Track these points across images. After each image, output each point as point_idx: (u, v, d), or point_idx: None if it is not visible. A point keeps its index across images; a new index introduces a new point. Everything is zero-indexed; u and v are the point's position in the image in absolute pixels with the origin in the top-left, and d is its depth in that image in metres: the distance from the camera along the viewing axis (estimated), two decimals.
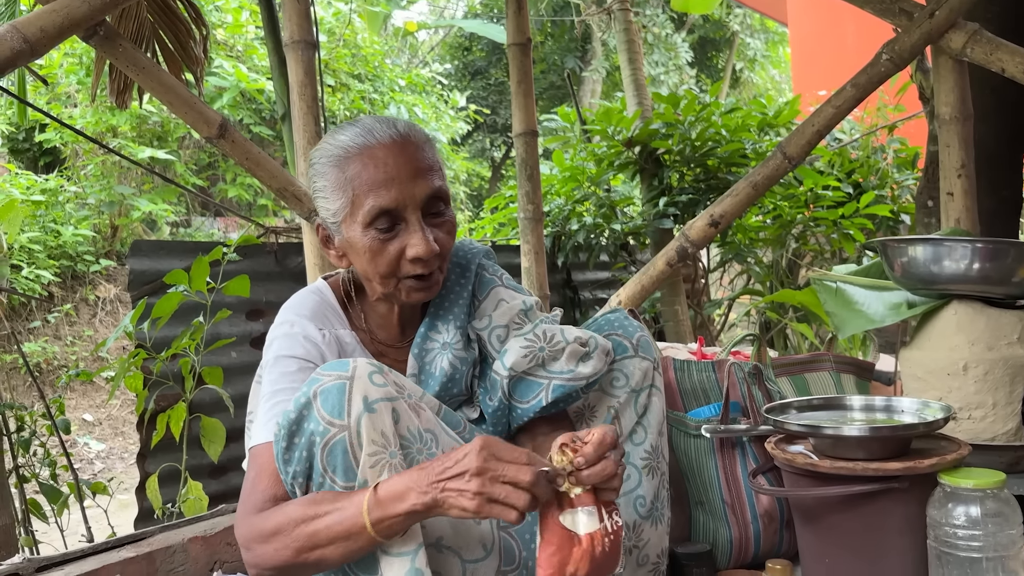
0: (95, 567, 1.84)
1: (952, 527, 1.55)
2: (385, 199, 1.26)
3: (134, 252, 2.95)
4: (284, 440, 1.14)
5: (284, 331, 1.33)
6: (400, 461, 1.15)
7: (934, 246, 2.00)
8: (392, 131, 1.30)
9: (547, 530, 1.05)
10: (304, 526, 1.11)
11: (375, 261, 1.29)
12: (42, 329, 6.70)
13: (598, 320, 1.52)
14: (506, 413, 1.39)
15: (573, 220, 4.77)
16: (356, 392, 1.13)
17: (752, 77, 17.33)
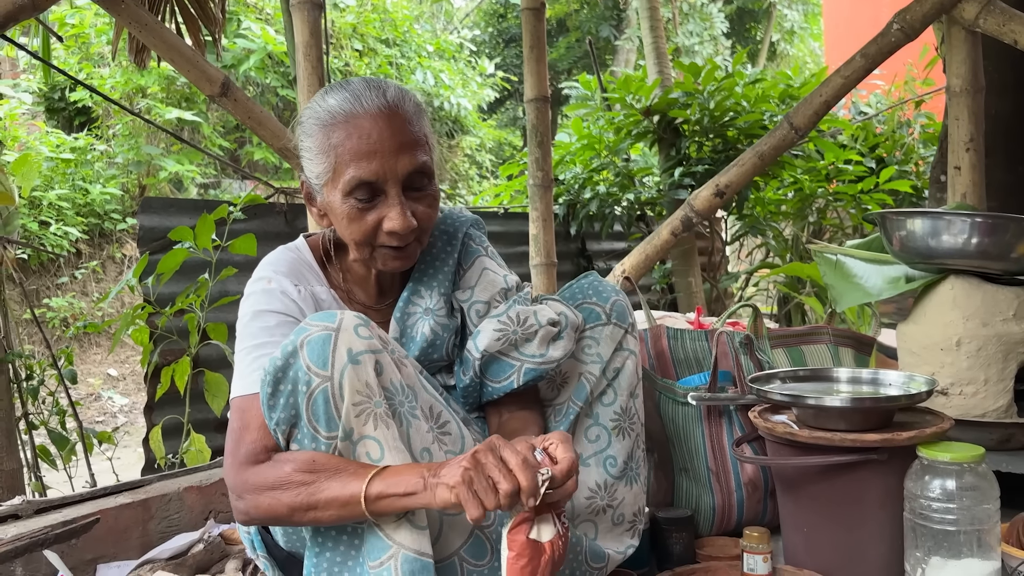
0: (92, 511, 1.91)
1: (927, 499, 1.55)
2: (366, 171, 1.26)
3: (144, 209, 2.99)
4: (270, 387, 1.17)
5: (261, 287, 1.35)
6: (385, 410, 1.18)
7: (932, 219, 1.98)
8: (380, 100, 1.29)
9: (516, 543, 1.09)
10: (304, 488, 1.15)
11: (351, 228, 1.30)
12: (69, 285, 6.84)
13: (572, 287, 1.53)
14: (477, 389, 1.41)
15: (587, 189, 4.75)
16: (341, 344, 1.16)
17: (788, 49, 17.02)
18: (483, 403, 1.44)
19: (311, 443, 1.17)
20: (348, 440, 1.17)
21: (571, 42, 14.46)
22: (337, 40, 9.32)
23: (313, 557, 1.24)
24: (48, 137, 7.32)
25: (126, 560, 1.93)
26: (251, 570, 1.85)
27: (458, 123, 10.33)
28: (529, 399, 1.44)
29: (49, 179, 6.95)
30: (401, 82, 9.54)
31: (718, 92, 4.31)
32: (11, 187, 2.52)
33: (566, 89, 5.14)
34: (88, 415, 6.02)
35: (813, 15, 16.60)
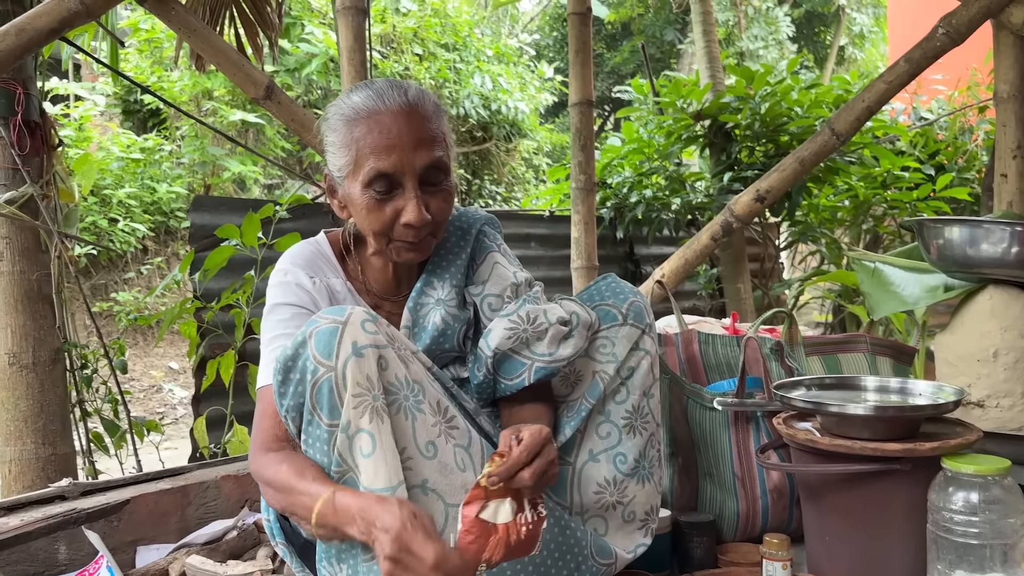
0: (133, 495, 1.99)
1: (950, 511, 1.53)
2: (385, 163, 1.32)
3: (195, 207, 3.10)
4: (280, 375, 1.23)
5: (279, 279, 1.42)
6: (382, 404, 1.22)
7: (971, 228, 1.94)
8: (402, 99, 1.36)
9: (465, 519, 1.15)
10: (286, 494, 1.24)
11: (369, 218, 1.36)
12: (135, 280, 7.10)
13: (590, 289, 1.55)
14: (491, 386, 1.46)
15: (635, 193, 4.74)
16: (347, 337, 1.21)
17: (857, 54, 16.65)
18: (496, 398, 1.47)
19: (316, 430, 1.22)
20: (345, 432, 1.20)
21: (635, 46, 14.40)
22: (398, 44, 9.46)
23: (324, 542, 1.29)
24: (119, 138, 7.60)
25: (164, 543, 2.02)
26: (280, 559, 1.92)
27: (515, 127, 10.38)
28: (542, 394, 1.47)
29: (119, 178, 7.23)
30: (459, 86, 9.63)
31: (770, 97, 4.26)
32: (72, 185, 2.64)
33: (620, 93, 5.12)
34: (149, 406, 6.23)
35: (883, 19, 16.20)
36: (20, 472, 2.45)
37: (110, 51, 3.60)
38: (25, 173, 2.48)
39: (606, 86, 14.27)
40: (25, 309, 2.48)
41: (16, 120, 2.44)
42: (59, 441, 2.50)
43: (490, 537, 1.15)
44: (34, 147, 2.51)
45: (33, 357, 2.47)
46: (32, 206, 2.51)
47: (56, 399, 2.50)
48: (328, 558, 1.28)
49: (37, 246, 2.54)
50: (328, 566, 1.28)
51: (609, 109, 15.04)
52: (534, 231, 4.88)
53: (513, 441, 1.20)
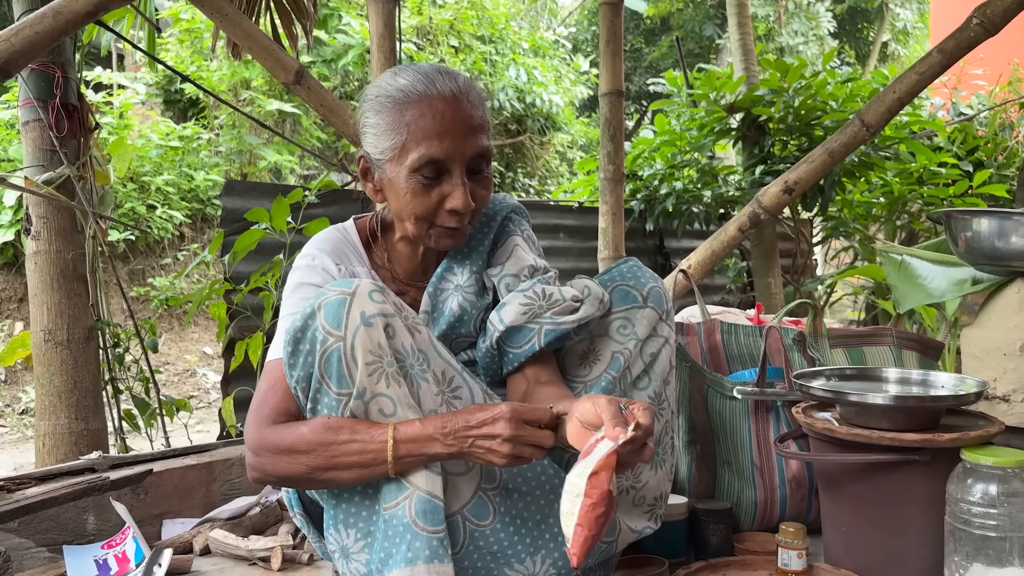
0: (160, 469, 2.04)
1: (968, 503, 1.51)
2: (437, 150, 1.32)
3: (227, 191, 3.15)
4: (290, 345, 1.26)
5: (305, 263, 1.44)
6: (396, 371, 1.25)
7: (999, 220, 1.91)
8: (453, 84, 1.36)
9: (597, 491, 1.09)
10: (323, 450, 1.23)
11: (414, 203, 1.36)
12: (172, 266, 7.22)
13: (611, 271, 1.55)
14: (496, 359, 1.46)
15: (665, 185, 4.72)
16: (355, 307, 1.23)
17: (900, 50, 16.37)
18: (505, 375, 1.48)
19: (325, 398, 1.25)
20: (361, 399, 1.23)
21: (673, 41, 14.30)
22: (434, 36, 9.50)
23: (331, 509, 1.31)
24: (159, 126, 7.73)
25: (189, 517, 2.06)
26: (302, 535, 1.95)
27: (550, 120, 10.37)
28: (551, 370, 1.47)
29: (158, 165, 7.36)
30: (494, 78, 9.64)
31: (804, 90, 4.22)
32: (108, 168, 2.70)
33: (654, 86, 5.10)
34: (183, 390, 6.34)
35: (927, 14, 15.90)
36: (54, 446, 2.52)
37: (148, 38, 3.68)
38: (63, 155, 2.55)
39: (644, 80, 14.19)
40: (60, 287, 2.54)
41: (54, 103, 2.50)
42: (91, 417, 2.56)
43: (610, 512, 1.10)
44: (71, 130, 2.57)
45: (67, 334, 2.53)
46: (68, 187, 2.58)
47: (89, 376, 2.56)
48: (335, 524, 1.30)
49: (73, 226, 2.60)
50: (335, 533, 1.30)
51: (646, 104, 14.96)
52: (563, 222, 4.89)
53: (627, 412, 1.17)
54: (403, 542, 1.22)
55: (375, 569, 1.24)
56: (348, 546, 1.29)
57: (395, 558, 1.21)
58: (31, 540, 1.82)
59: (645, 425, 1.14)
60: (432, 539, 1.21)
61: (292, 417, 1.29)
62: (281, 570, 1.83)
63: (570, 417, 1.23)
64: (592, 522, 1.08)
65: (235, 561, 1.88)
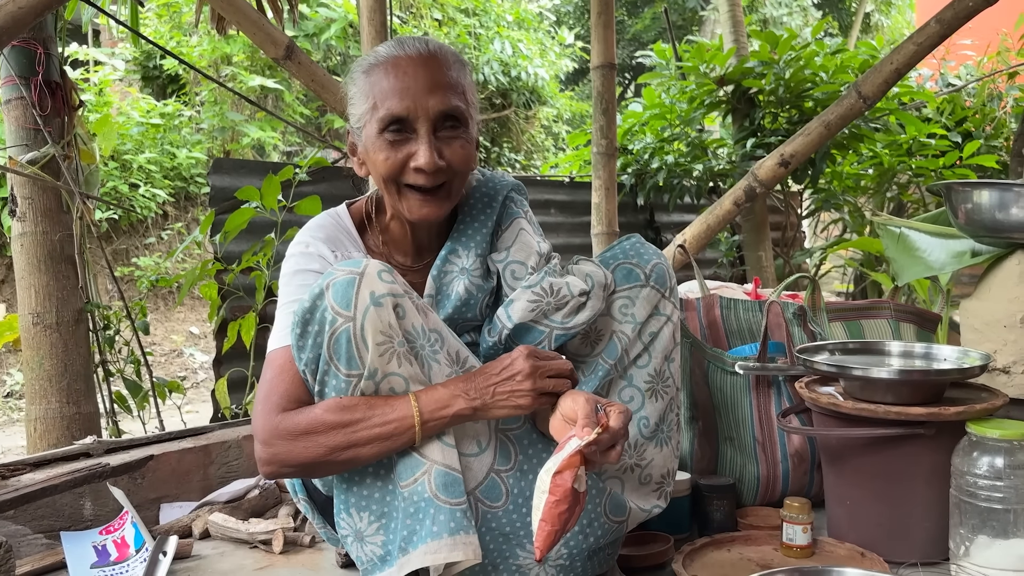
0: (156, 453, 2.02)
1: (974, 476, 1.51)
2: (398, 107, 1.32)
3: (215, 169, 3.10)
4: (299, 327, 1.24)
5: (300, 250, 1.41)
6: (407, 351, 1.24)
7: (1000, 191, 1.90)
8: (421, 47, 1.36)
9: (560, 488, 1.12)
10: (342, 428, 1.22)
11: (383, 165, 1.35)
12: (157, 245, 7.14)
13: (614, 248, 1.53)
14: (500, 351, 1.44)
15: (656, 159, 4.70)
16: (364, 287, 1.21)
17: (883, 21, 16.31)
18: None
19: (334, 380, 1.23)
20: (372, 379, 1.22)
21: (656, 13, 14.19)
22: (417, 10, 9.38)
23: (342, 494, 1.29)
24: (139, 103, 7.61)
25: (187, 501, 2.04)
26: (302, 517, 1.93)
27: (535, 93, 10.29)
28: None
29: (140, 143, 7.25)
30: (479, 51, 9.55)
31: (795, 62, 4.19)
32: (93, 147, 2.64)
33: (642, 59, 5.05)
34: (171, 370, 6.30)
35: None
36: (45, 430, 2.48)
37: (131, 13, 3.59)
38: (47, 134, 2.49)
39: (627, 53, 14.10)
40: (48, 269, 2.49)
41: (37, 80, 2.44)
42: (83, 400, 2.53)
43: (575, 508, 1.13)
44: (55, 108, 2.51)
45: (56, 317, 2.49)
46: (54, 167, 2.52)
47: (80, 359, 2.53)
48: (347, 508, 1.29)
49: (59, 207, 2.55)
50: (347, 517, 1.29)
51: (630, 76, 14.88)
52: (554, 197, 4.85)
53: (601, 413, 1.20)
54: (426, 517, 1.21)
55: (398, 548, 1.24)
56: (362, 529, 1.27)
57: (419, 534, 1.21)
58: (27, 527, 1.79)
59: (614, 429, 1.18)
60: (456, 511, 1.21)
61: (302, 404, 1.27)
62: (283, 553, 1.82)
63: (554, 411, 1.27)
64: (555, 518, 1.12)
65: (235, 544, 1.86)
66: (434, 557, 1.20)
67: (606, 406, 1.22)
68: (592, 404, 1.21)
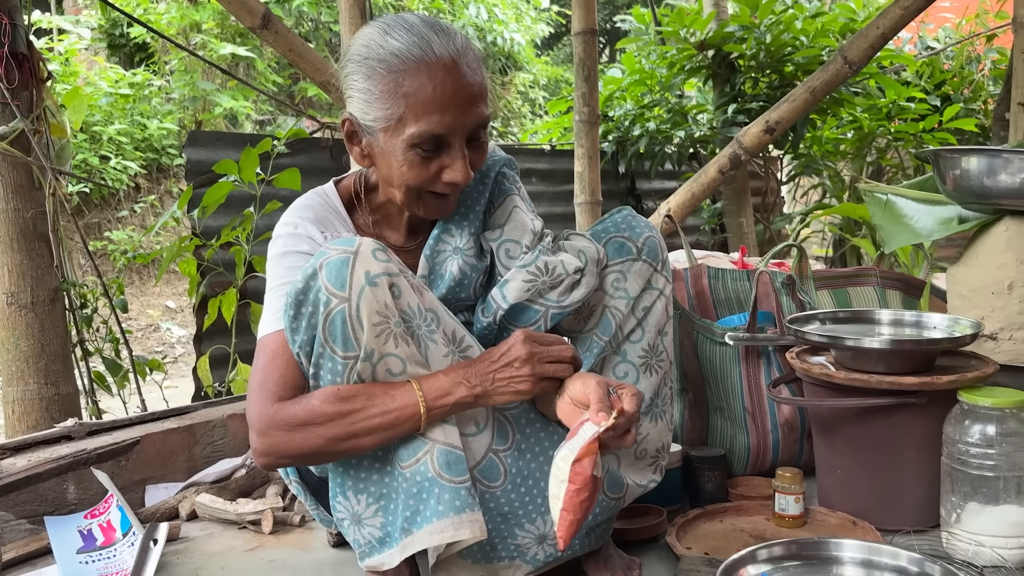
0: (139, 435, 1.98)
1: (966, 444, 1.52)
2: (438, 126, 1.25)
3: (191, 142, 3.03)
4: (292, 309, 1.20)
5: (288, 231, 1.36)
6: (403, 331, 1.21)
7: (988, 158, 1.89)
8: (451, 47, 1.26)
9: (581, 477, 1.11)
10: (341, 419, 1.19)
11: (410, 175, 1.29)
12: (129, 218, 7.02)
13: (605, 221, 1.51)
14: (495, 332, 1.42)
15: (637, 126, 4.66)
16: (359, 266, 1.18)
17: None
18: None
19: (329, 363, 1.20)
20: (368, 360, 1.20)
21: None
22: None
23: (338, 477, 1.27)
24: (107, 73, 7.43)
25: (173, 482, 2.01)
26: (291, 496, 1.91)
27: (511, 59, 10.18)
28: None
29: (109, 114, 7.08)
30: (454, 17, 9.41)
31: (775, 26, 4.16)
32: (64, 120, 2.57)
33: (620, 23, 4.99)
34: (148, 345, 6.22)
35: None
36: (24, 412, 2.44)
37: None
38: (15, 108, 2.41)
39: (602, 17, 13.97)
40: (21, 248, 2.43)
41: (3, 52, 2.35)
42: (62, 381, 2.48)
43: (595, 494, 1.13)
44: (23, 80, 2.42)
45: (32, 296, 2.43)
46: (23, 142, 2.44)
47: (57, 339, 2.47)
48: (343, 491, 1.27)
49: (30, 183, 2.48)
50: (344, 500, 1.27)
51: (606, 40, 14.76)
52: (535, 166, 4.80)
53: (614, 396, 1.19)
54: (430, 496, 1.20)
55: (399, 529, 1.23)
56: (360, 512, 1.26)
57: (423, 514, 1.21)
58: (10, 513, 1.76)
59: (629, 412, 1.17)
60: (460, 489, 1.21)
61: (298, 390, 1.24)
62: (273, 533, 1.80)
63: (561, 394, 1.26)
64: (577, 507, 1.11)
65: (224, 525, 1.84)
66: (440, 536, 1.19)
67: (617, 388, 1.20)
68: (604, 387, 1.19)
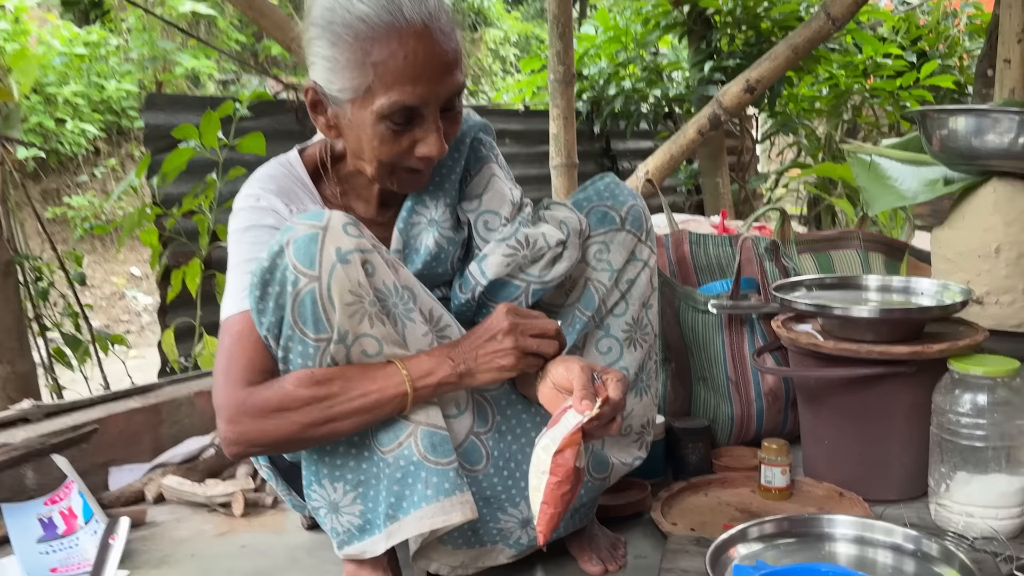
0: (101, 415, 1.90)
1: (956, 415, 1.49)
2: (411, 97, 1.15)
3: (149, 106, 2.89)
4: (258, 289, 1.12)
5: (250, 204, 1.27)
6: (379, 310, 1.15)
7: (977, 117, 1.85)
8: (422, 10, 1.15)
9: (563, 469, 1.05)
10: (317, 404, 1.13)
11: (380, 149, 1.20)
12: (90, 183, 6.80)
13: (587, 189, 1.43)
14: (473, 308, 1.36)
15: (613, 85, 4.57)
16: (329, 242, 1.10)
17: None
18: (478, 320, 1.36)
19: (300, 346, 1.13)
20: (343, 343, 1.13)
21: None
22: None
23: (312, 464, 1.21)
24: (60, 31, 7.15)
25: (138, 463, 1.93)
26: (262, 476, 1.85)
27: (481, 15, 9.97)
28: None
29: (63, 75, 6.82)
30: None
31: None
32: (11, 83, 2.43)
33: None
34: (113, 314, 6.08)
35: None
36: None
37: None
38: None
39: None
40: None
41: None
42: (17, 359, 2.37)
43: (577, 485, 1.07)
44: None
45: None
46: None
47: (11, 315, 2.36)
48: (318, 480, 1.21)
49: None
50: (320, 489, 1.21)
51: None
52: (508, 127, 4.69)
53: (599, 382, 1.13)
54: (417, 481, 1.15)
55: (383, 516, 1.17)
56: (337, 500, 1.20)
57: (410, 499, 1.15)
58: None
59: (615, 400, 1.11)
60: (448, 471, 1.16)
61: (268, 374, 1.16)
62: (244, 516, 1.74)
63: (544, 378, 1.20)
64: (558, 500, 1.06)
65: (193, 509, 1.77)
66: (431, 522, 1.14)
67: (602, 373, 1.14)
68: (588, 373, 1.12)
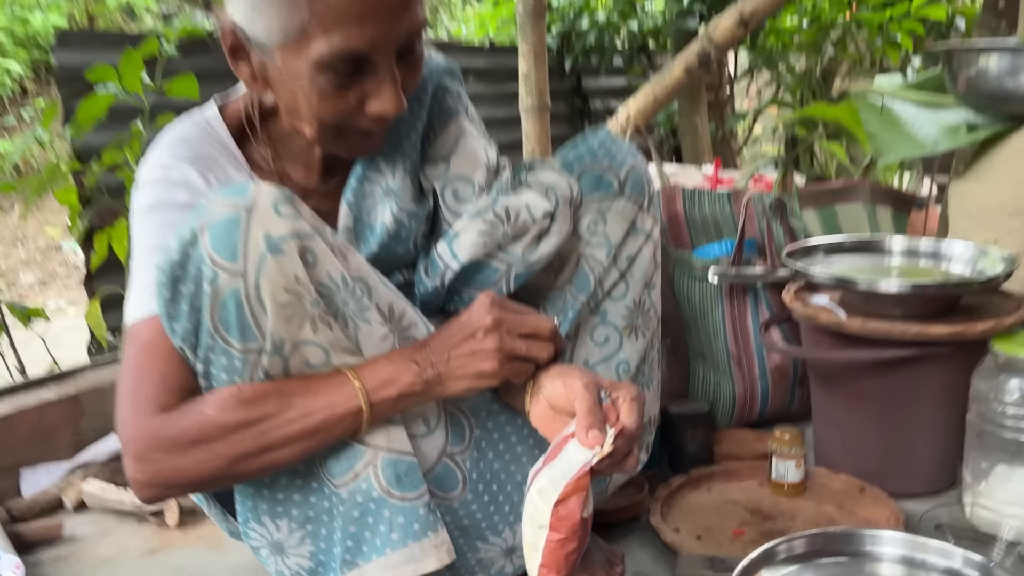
0: (9, 412, 1.64)
1: (1001, 403, 1.30)
2: (357, 40, 0.89)
3: (61, 44, 2.55)
4: (168, 289, 0.88)
5: (158, 175, 1.00)
6: (323, 311, 0.91)
7: (1012, 56, 1.62)
8: None
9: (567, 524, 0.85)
10: (247, 430, 0.90)
11: (321, 107, 0.94)
12: (17, 126, 6.35)
13: (579, 147, 1.17)
14: (442, 297, 1.12)
15: (584, 18, 4.26)
16: (256, 227, 0.86)
17: None
18: (452, 310, 1.12)
19: (223, 359, 0.89)
20: (278, 354, 0.90)
21: None
22: None
23: (247, 500, 0.99)
24: None
25: (56, 462, 1.68)
26: None
27: None
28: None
29: None
30: None
31: None
32: None
33: None
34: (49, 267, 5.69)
35: None
36: None
37: None
38: None
39: None
40: None
41: None
42: None
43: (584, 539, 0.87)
44: None
45: None
46: None
47: None
48: (256, 518, 0.99)
49: None
50: (259, 527, 0.99)
51: None
52: (472, 64, 4.36)
53: (607, 403, 0.91)
54: (379, 521, 0.94)
55: (339, 561, 0.96)
56: (282, 540, 0.98)
57: (371, 543, 0.95)
58: None
59: (630, 430, 0.90)
60: (417, 507, 0.95)
61: (186, 392, 0.92)
62: (180, 526, 1.50)
63: (536, 393, 1.00)
64: (561, 561, 0.86)
65: (119, 518, 1.54)
66: (398, 572, 0.94)
67: (611, 391, 0.92)
68: (594, 392, 0.90)
